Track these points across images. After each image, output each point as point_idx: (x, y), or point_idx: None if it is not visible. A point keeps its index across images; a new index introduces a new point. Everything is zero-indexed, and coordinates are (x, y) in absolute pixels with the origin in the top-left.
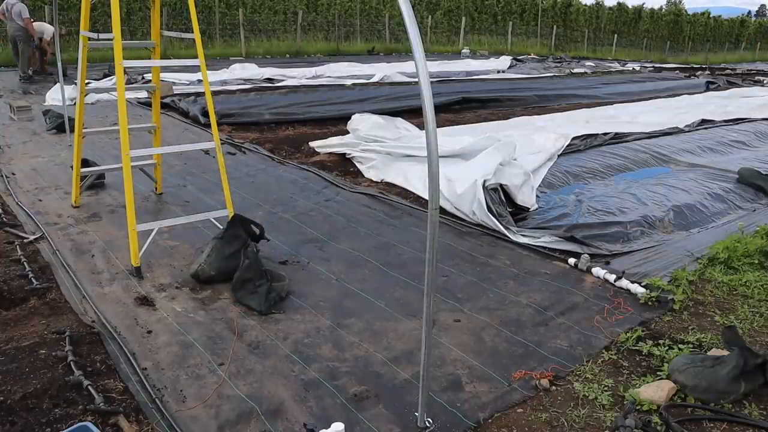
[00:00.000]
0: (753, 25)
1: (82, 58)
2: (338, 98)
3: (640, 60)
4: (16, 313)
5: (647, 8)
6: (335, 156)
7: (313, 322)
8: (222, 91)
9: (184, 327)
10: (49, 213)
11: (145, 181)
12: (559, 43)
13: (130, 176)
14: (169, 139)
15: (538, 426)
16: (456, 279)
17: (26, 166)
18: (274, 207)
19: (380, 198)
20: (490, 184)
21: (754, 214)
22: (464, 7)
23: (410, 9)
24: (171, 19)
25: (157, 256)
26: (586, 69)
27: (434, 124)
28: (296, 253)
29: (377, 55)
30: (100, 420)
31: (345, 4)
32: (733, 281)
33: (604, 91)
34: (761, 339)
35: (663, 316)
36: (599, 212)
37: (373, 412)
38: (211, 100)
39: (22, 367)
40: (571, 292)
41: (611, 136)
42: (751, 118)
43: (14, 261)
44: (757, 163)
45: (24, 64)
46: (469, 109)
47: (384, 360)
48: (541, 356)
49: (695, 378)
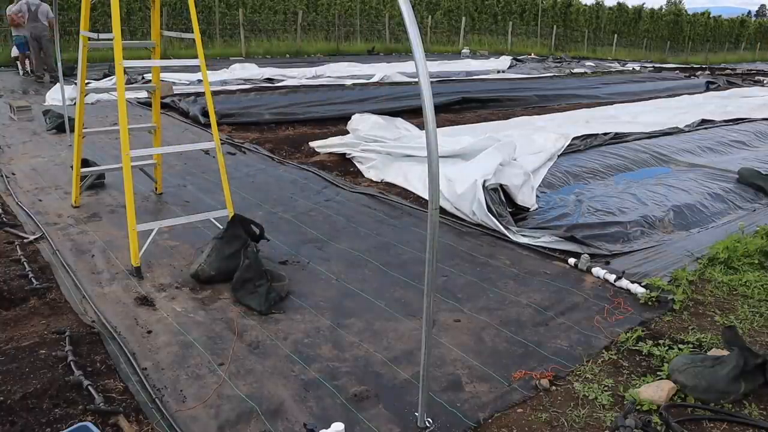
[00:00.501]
0: (753, 25)
1: (82, 58)
2: (338, 98)
3: (640, 60)
4: (16, 313)
5: (647, 8)
6: (335, 156)
7: (313, 322)
8: (222, 91)
9: (184, 327)
10: (49, 213)
11: (145, 181)
12: (559, 43)
13: (130, 176)
14: (169, 139)
15: (538, 426)
16: (456, 279)
17: (26, 166)
18: (274, 207)
19: (380, 198)
20: (490, 184)
21: (754, 214)
22: (464, 7)
23: (410, 9)
24: (171, 19)
25: (157, 256)
26: (586, 69)
27: (434, 124)
28: (296, 253)
29: (377, 55)
30: (100, 420)
31: (345, 4)
32: (733, 281)
33: (604, 91)
34: (761, 339)
35: (663, 316)
36: (599, 212)
37: (373, 412)
38: (211, 100)
39: (22, 367)
40: (571, 292)
41: (611, 136)
42: (751, 118)
43: (14, 261)
44: (757, 163)
45: (42, 64)
46: (469, 109)
47: (384, 360)
48: (541, 356)
49: (695, 378)
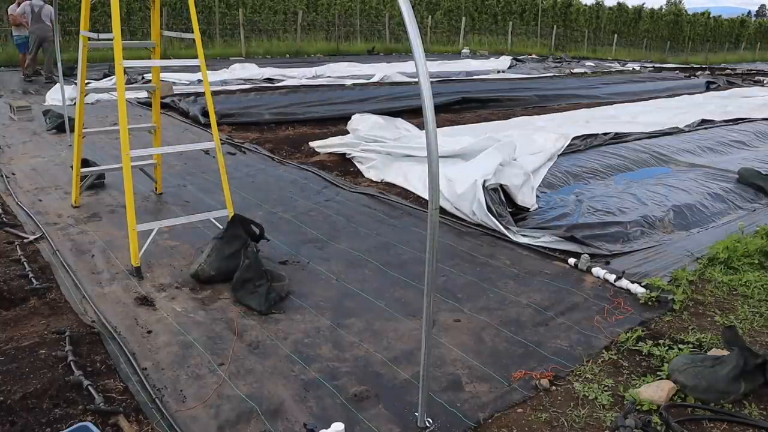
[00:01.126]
0: (753, 25)
1: (82, 58)
2: (338, 98)
3: (640, 60)
4: (16, 313)
5: (647, 8)
6: (335, 156)
7: (313, 322)
8: (222, 91)
9: (184, 327)
10: (49, 213)
11: (145, 181)
12: (559, 43)
13: (130, 176)
14: (169, 139)
15: (538, 426)
16: (456, 279)
17: (26, 166)
18: (274, 207)
19: (380, 198)
20: (490, 184)
21: (754, 214)
22: (464, 7)
23: (410, 9)
24: (171, 19)
25: (157, 256)
26: (586, 69)
27: (434, 124)
28: (296, 253)
29: (377, 55)
30: (100, 420)
31: (345, 4)
32: (733, 281)
33: (604, 91)
34: (761, 339)
35: (663, 316)
36: (599, 212)
37: (373, 412)
38: (211, 100)
39: (22, 367)
40: (571, 292)
41: (611, 136)
42: (751, 118)
43: (14, 261)
44: (757, 163)
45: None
46: (469, 109)
47: (384, 360)
48: (541, 356)
49: (695, 378)
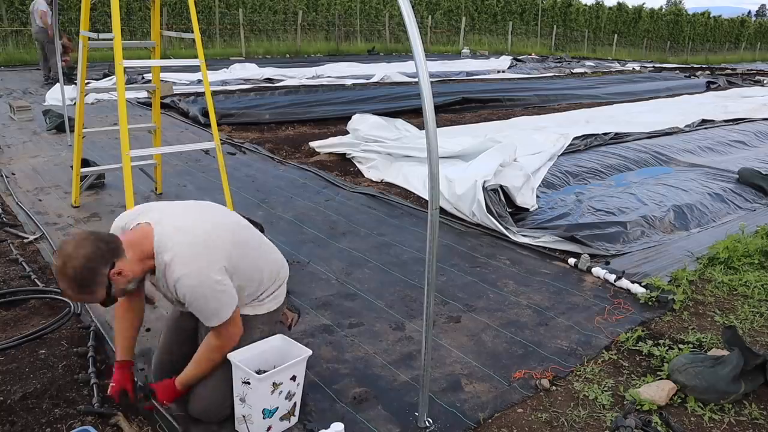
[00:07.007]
0: (753, 25)
1: (82, 58)
2: (338, 98)
3: (640, 60)
4: (16, 313)
5: (647, 8)
6: (335, 156)
7: (312, 322)
8: (222, 91)
9: None
10: (49, 213)
11: (145, 181)
12: (559, 43)
13: (130, 176)
14: (169, 139)
15: (538, 426)
16: (456, 279)
17: (26, 166)
18: (274, 207)
19: (380, 198)
20: (489, 185)
21: (754, 214)
22: (464, 7)
23: (410, 9)
24: (171, 19)
25: None
26: (586, 69)
27: (434, 124)
28: (296, 253)
29: (377, 55)
30: (101, 420)
31: (345, 4)
32: (733, 281)
33: (604, 91)
34: (761, 339)
35: (663, 316)
36: (599, 212)
37: (372, 413)
38: (211, 100)
39: (21, 367)
40: (571, 292)
41: (611, 136)
42: (751, 118)
43: (14, 261)
44: (757, 163)
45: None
46: (469, 109)
47: (384, 361)
48: (541, 356)
49: (695, 378)
